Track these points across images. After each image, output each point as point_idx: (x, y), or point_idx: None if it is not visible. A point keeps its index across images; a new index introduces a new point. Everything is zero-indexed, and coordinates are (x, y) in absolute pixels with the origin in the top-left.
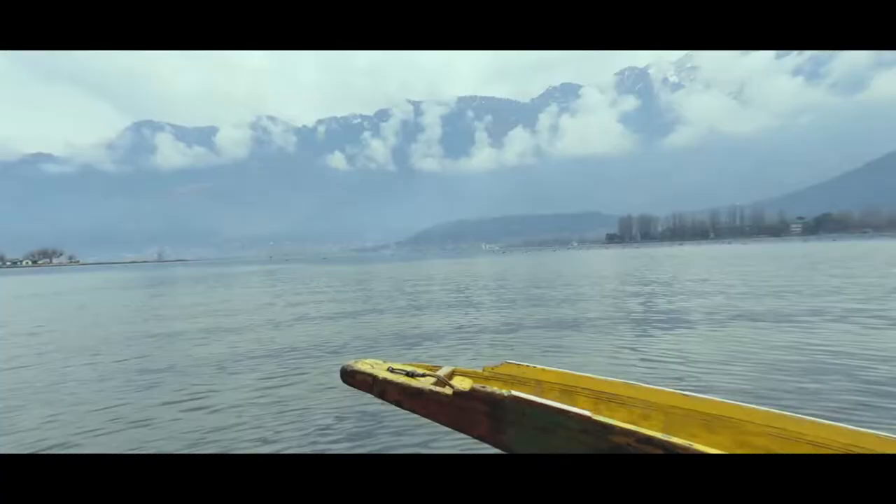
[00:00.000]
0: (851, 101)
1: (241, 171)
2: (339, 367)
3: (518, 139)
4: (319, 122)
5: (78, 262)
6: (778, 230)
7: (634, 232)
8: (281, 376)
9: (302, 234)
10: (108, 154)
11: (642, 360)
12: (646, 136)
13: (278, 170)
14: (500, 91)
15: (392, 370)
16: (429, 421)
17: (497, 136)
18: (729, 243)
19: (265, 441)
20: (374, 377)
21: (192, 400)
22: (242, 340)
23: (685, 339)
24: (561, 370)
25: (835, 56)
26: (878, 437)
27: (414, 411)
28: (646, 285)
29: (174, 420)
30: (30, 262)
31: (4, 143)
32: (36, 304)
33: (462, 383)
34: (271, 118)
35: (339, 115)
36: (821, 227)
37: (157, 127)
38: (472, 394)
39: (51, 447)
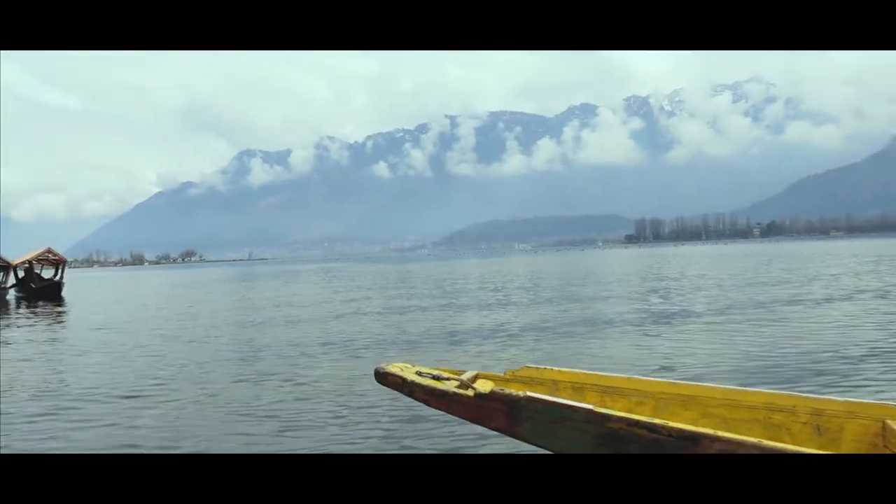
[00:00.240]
0: (778, 139)
1: (305, 183)
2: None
3: (545, 148)
4: (368, 137)
5: (203, 259)
6: (745, 233)
7: (647, 233)
8: (343, 364)
9: (351, 236)
10: (222, 178)
11: (666, 348)
12: (652, 151)
13: (334, 181)
14: (528, 107)
15: (420, 373)
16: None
17: (526, 145)
18: (714, 244)
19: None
20: (403, 379)
21: (285, 380)
22: (312, 329)
23: (696, 330)
24: (573, 370)
25: (766, 105)
26: (790, 396)
27: (440, 409)
28: (661, 280)
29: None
30: (180, 260)
31: (170, 176)
32: (183, 292)
33: (484, 386)
34: (330, 137)
35: (384, 130)
36: (771, 231)
37: (251, 154)
38: (491, 395)
39: (185, 379)
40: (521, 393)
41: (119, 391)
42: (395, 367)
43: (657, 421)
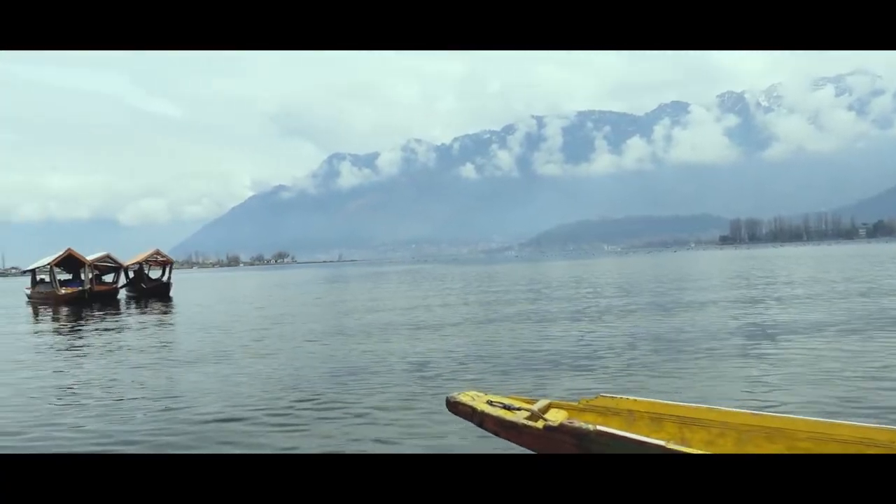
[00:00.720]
0: (885, 134)
1: (392, 186)
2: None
3: (635, 147)
4: (455, 139)
5: (295, 260)
6: (850, 234)
7: (743, 234)
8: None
9: (438, 237)
10: (312, 181)
11: (769, 370)
12: (747, 148)
13: (421, 183)
14: (616, 106)
15: (491, 403)
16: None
17: (615, 144)
18: (817, 245)
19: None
20: (473, 409)
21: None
22: (394, 341)
23: (806, 348)
24: (651, 400)
25: (872, 98)
26: (889, 430)
27: (510, 440)
28: (767, 285)
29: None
30: (273, 261)
31: (264, 180)
32: (280, 293)
33: (556, 416)
34: (417, 140)
35: (471, 132)
36: (878, 231)
37: (341, 157)
38: (561, 428)
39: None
40: (590, 426)
41: (226, 392)
42: (466, 396)
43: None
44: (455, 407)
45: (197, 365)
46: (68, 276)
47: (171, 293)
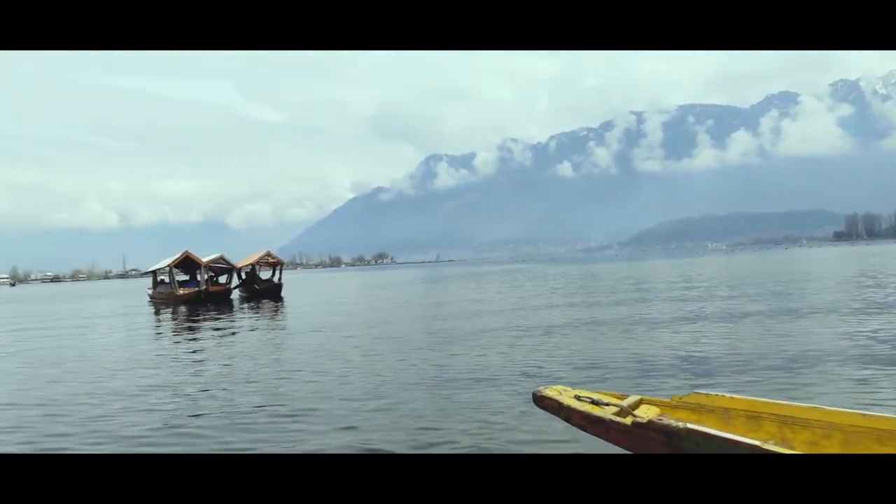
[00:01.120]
0: None
1: (489, 185)
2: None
3: (740, 140)
4: (551, 137)
5: (394, 261)
6: None
7: (860, 229)
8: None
9: (535, 236)
10: (410, 183)
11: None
12: (863, 139)
13: (517, 182)
14: (720, 99)
15: (578, 398)
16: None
17: (719, 138)
18: None
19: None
20: (560, 403)
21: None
22: (493, 338)
23: None
24: (748, 398)
25: None
26: None
27: (597, 436)
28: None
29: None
30: (373, 262)
31: (363, 182)
32: (383, 294)
33: (647, 412)
34: (513, 140)
35: (567, 129)
36: None
37: (438, 158)
38: (649, 425)
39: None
40: (680, 424)
41: (342, 391)
42: (553, 391)
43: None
44: (541, 401)
45: (312, 365)
46: (185, 277)
47: (283, 293)
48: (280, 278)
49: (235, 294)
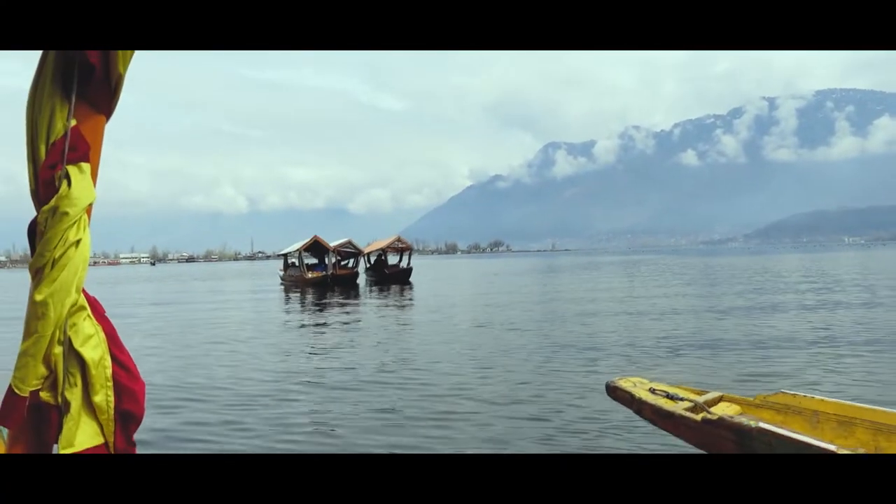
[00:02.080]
0: None
1: (609, 174)
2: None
3: (885, 128)
4: (675, 125)
5: (510, 249)
6: None
7: None
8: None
9: (655, 227)
10: (527, 171)
11: None
12: None
13: (638, 171)
14: (862, 83)
15: (653, 391)
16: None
17: (860, 126)
18: None
19: None
20: (632, 395)
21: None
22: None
23: None
24: (840, 401)
25: None
26: None
27: (667, 431)
28: None
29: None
30: (489, 250)
31: (481, 170)
32: (501, 280)
33: (728, 410)
34: (636, 127)
35: (693, 117)
36: None
37: (556, 146)
38: (719, 422)
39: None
40: (752, 423)
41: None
42: (628, 382)
43: None
44: (614, 392)
45: (447, 354)
46: (314, 261)
47: (410, 279)
48: (409, 263)
49: (362, 278)
